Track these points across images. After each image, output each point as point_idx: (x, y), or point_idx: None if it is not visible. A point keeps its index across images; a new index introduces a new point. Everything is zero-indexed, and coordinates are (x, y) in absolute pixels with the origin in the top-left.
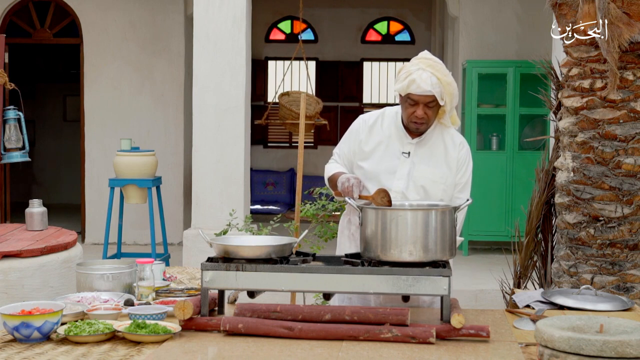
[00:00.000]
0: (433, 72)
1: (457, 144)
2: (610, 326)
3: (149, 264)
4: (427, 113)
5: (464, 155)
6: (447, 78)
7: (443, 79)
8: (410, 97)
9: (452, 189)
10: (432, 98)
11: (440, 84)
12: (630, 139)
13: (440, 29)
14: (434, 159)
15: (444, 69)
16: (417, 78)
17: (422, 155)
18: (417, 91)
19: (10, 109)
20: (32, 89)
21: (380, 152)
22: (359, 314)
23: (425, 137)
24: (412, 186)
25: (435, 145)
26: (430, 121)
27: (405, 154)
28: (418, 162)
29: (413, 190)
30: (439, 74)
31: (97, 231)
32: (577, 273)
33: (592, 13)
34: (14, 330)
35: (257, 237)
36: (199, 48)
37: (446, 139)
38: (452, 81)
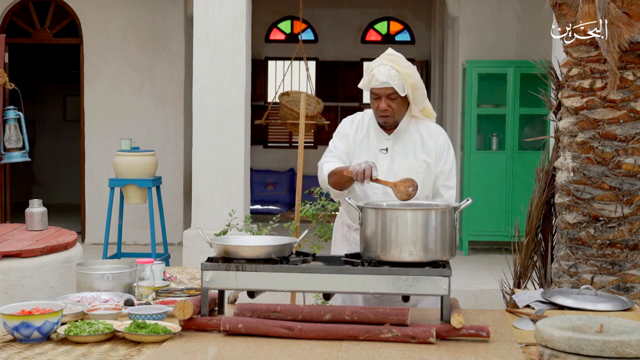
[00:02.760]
0: (392, 65)
1: (434, 133)
2: (610, 326)
3: (149, 264)
4: (390, 105)
5: (442, 143)
6: (407, 70)
7: (403, 71)
8: (373, 92)
9: (435, 179)
10: (392, 90)
11: (399, 76)
12: (630, 139)
13: (440, 29)
14: (412, 151)
15: (405, 62)
16: (376, 72)
17: (400, 150)
18: (376, 84)
19: (10, 109)
20: (32, 89)
21: (362, 150)
22: (359, 314)
23: (400, 132)
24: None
25: (412, 137)
26: (396, 114)
27: (384, 151)
28: (396, 157)
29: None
30: (399, 67)
31: (97, 231)
32: (577, 273)
33: (592, 13)
34: (14, 330)
35: (257, 237)
36: (199, 48)
37: (422, 130)
38: (414, 73)
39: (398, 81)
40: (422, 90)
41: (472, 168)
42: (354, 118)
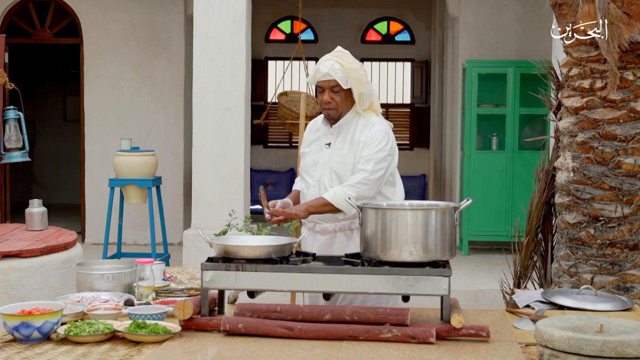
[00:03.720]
0: (337, 60)
1: (370, 125)
2: (610, 326)
3: (149, 264)
4: (333, 98)
5: (372, 133)
6: (351, 65)
7: (347, 66)
8: (318, 86)
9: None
10: (335, 82)
11: (343, 70)
12: (630, 139)
13: (440, 29)
14: (346, 145)
15: (351, 58)
16: (320, 66)
17: (339, 143)
18: (320, 77)
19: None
20: (32, 89)
21: (312, 148)
22: (359, 314)
23: (343, 126)
24: (327, 173)
25: (349, 132)
26: (339, 107)
27: (327, 145)
28: (334, 150)
29: (327, 176)
30: (343, 62)
31: (97, 231)
32: (577, 273)
33: (592, 13)
34: (14, 330)
35: (257, 237)
36: (199, 48)
37: (359, 124)
38: (358, 68)
39: (341, 74)
40: (368, 87)
41: (472, 168)
42: (315, 120)
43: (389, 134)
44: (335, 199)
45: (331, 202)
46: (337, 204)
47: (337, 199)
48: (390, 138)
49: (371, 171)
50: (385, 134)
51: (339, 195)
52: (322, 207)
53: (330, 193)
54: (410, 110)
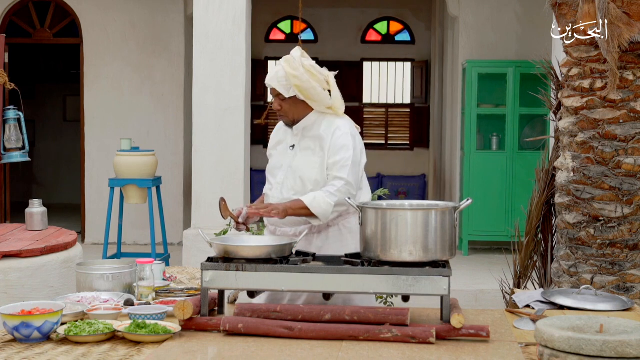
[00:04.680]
0: (284, 66)
1: (333, 130)
2: (610, 326)
3: (149, 264)
4: (282, 106)
5: (335, 136)
6: (295, 72)
7: (290, 73)
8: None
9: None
10: (274, 91)
11: (286, 77)
12: (630, 139)
13: (440, 29)
14: (311, 148)
15: (295, 62)
16: (268, 74)
17: (303, 146)
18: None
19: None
20: (32, 89)
21: (279, 150)
22: (359, 314)
23: (305, 129)
24: (290, 176)
25: (314, 134)
26: (289, 113)
27: (291, 147)
28: (298, 153)
29: (291, 179)
30: (288, 68)
31: (97, 231)
32: (577, 273)
33: (592, 13)
34: (14, 330)
35: (257, 237)
36: (199, 48)
37: (323, 127)
38: (301, 74)
39: (284, 82)
40: (317, 90)
41: (472, 168)
42: (277, 127)
43: (355, 136)
44: (313, 204)
45: (309, 206)
46: (314, 209)
47: (315, 205)
48: (357, 140)
49: (347, 180)
50: (352, 136)
51: (317, 200)
52: (300, 210)
53: (309, 197)
54: (410, 110)
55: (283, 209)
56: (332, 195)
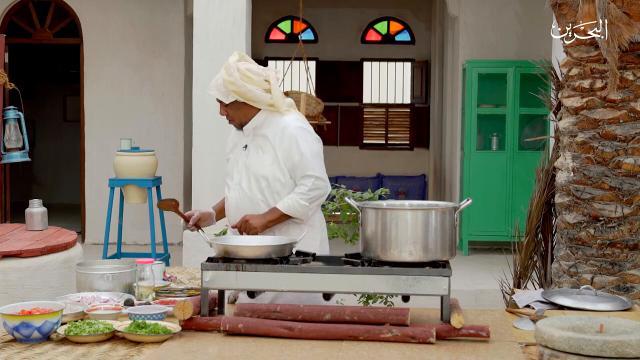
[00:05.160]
0: (222, 73)
1: (280, 128)
2: (610, 326)
3: (149, 264)
4: (227, 111)
5: (287, 137)
6: (230, 78)
7: (227, 79)
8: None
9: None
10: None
11: (224, 85)
12: (630, 139)
13: (440, 29)
14: (261, 146)
15: (230, 68)
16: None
17: (254, 146)
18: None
19: (10, 109)
20: (32, 89)
21: (235, 152)
22: (359, 314)
23: (255, 129)
24: (244, 176)
25: (261, 132)
26: (236, 117)
27: (244, 148)
28: (251, 153)
29: (246, 179)
30: (225, 75)
31: (97, 231)
32: (577, 273)
33: (592, 13)
34: (14, 330)
35: (257, 237)
36: (199, 48)
37: (270, 124)
38: (235, 79)
39: (223, 89)
40: (254, 92)
41: (472, 168)
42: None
43: (306, 128)
44: (290, 210)
45: (286, 212)
46: (292, 214)
47: (292, 210)
48: (308, 131)
49: (315, 175)
50: (303, 129)
51: (292, 205)
52: (279, 218)
53: (284, 204)
54: (410, 110)
55: (263, 224)
56: (304, 195)
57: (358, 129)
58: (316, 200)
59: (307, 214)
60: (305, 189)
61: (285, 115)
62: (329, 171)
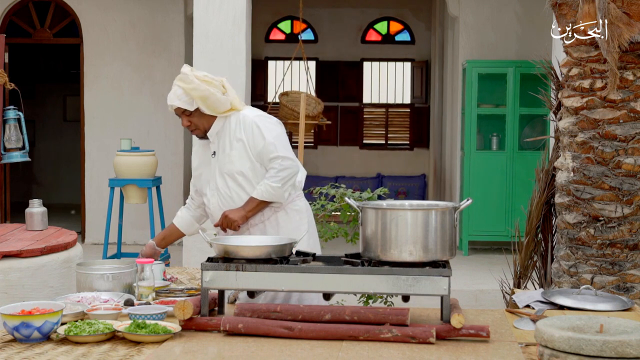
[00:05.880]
0: (179, 84)
1: (239, 121)
2: (610, 326)
3: (149, 264)
4: (190, 121)
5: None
6: (190, 85)
7: (187, 87)
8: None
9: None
10: (181, 109)
11: (185, 93)
12: (630, 139)
13: (440, 29)
14: (227, 145)
15: (189, 77)
16: (168, 97)
17: (221, 148)
18: (170, 108)
19: (10, 109)
20: (32, 89)
21: (201, 166)
22: (359, 314)
23: (219, 133)
24: (220, 178)
25: (225, 133)
26: (201, 125)
27: (213, 155)
28: (219, 156)
29: (221, 180)
30: (183, 84)
31: (97, 231)
32: (577, 273)
33: (592, 13)
34: (14, 330)
35: (257, 237)
36: (199, 48)
37: (232, 123)
38: (197, 85)
39: (185, 99)
40: (215, 97)
41: (472, 168)
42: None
43: (263, 115)
44: (264, 195)
45: (261, 199)
46: (268, 199)
47: (266, 195)
48: (266, 117)
49: (281, 155)
50: (260, 117)
51: (266, 190)
52: (257, 206)
53: (258, 191)
54: (410, 110)
55: (242, 216)
56: (274, 177)
57: (358, 129)
58: (288, 181)
59: (282, 196)
60: (274, 171)
61: (240, 111)
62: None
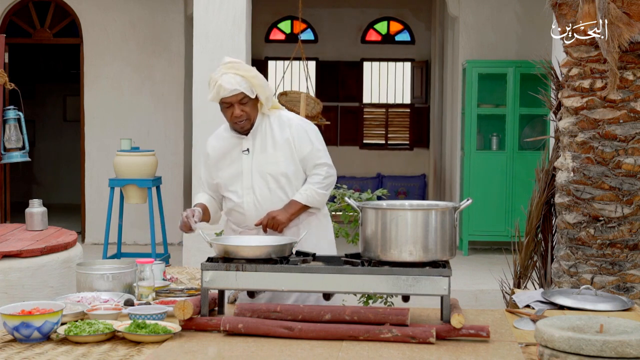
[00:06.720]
0: (236, 72)
1: (284, 123)
2: (610, 326)
3: (149, 264)
4: (244, 110)
5: (295, 128)
6: (250, 73)
7: (247, 75)
8: (224, 102)
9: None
10: (242, 95)
11: (245, 80)
12: (630, 139)
13: (440, 29)
14: (268, 145)
15: (246, 66)
16: (222, 82)
17: (258, 147)
18: (225, 94)
19: (10, 109)
20: (32, 89)
21: (226, 160)
22: (359, 314)
23: (256, 130)
24: (257, 177)
25: (266, 132)
26: (251, 117)
27: (246, 152)
28: (257, 155)
29: (258, 180)
30: (242, 72)
31: (97, 231)
32: (577, 273)
33: (592, 13)
34: (14, 330)
35: (257, 237)
36: (199, 48)
37: (273, 123)
38: (257, 74)
39: (245, 85)
40: (269, 89)
41: (472, 168)
42: (216, 134)
43: (304, 119)
44: (309, 200)
45: (306, 204)
46: (311, 204)
47: (311, 200)
48: (307, 121)
49: (327, 163)
50: (304, 121)
51: (312, 196)
52: (300, 210)
53: (302, 196)
54: (410, 110)
55: (287, 219)
56: (321, 184)
57: (358, 129)
58: (330, 188)
59: (323, 203)
60: (320, 177)
61: (282, 111)
62: None
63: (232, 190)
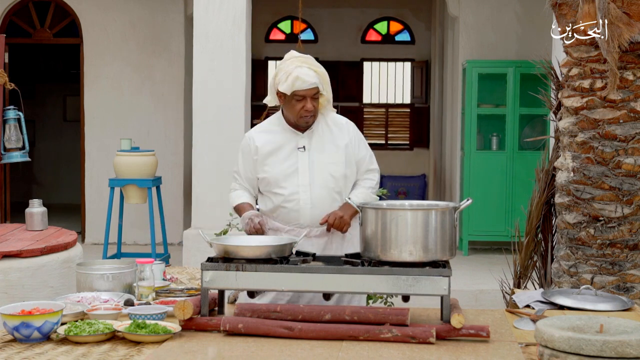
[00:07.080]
0: (309, 66)
1: (343, 124)
2: (610, 326)
3: (149, 264)
4: (314, 105)
5: (353, 133)
6: (321, 69)
7: (319, 71)
8: (296, 94)
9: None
10: (317, 89)
11: (317, 76)
12: (630, 139)
13: (440, 29)
14: (327, 145)
15: (316, 62)
16: (300, 74)
17: (316, 145)
18: (303, 86)
19: (10, 109)
20: (32, 89)
21: (276, 156)
22: (359, 314)
23: (313, 128)
24: (317, 176)
25: (323, 132)
26: (317, 113)
27: (302, 149)
28: (314, 153)
29: (320, 178)
30: (315, 67)
31: (97, 231)
32: (577, 273)
33: (592, 13)
34: (14, 330)
35: (257, 237)
36: (199, 48)
37: (329, 123)
38: (325, 71)
39: (318, 80)
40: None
41: (472, 168)
42: (263, 129)
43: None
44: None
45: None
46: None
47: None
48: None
49: (377, 169)
50: (357, 129)
51: (366, 200)
52: (355, 213)
53: (359, 199)
54: (410, 110)
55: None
56: (373, 189)
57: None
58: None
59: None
60: (373, 182)
61: (332, 113)
62: None
63: (283, 187)
